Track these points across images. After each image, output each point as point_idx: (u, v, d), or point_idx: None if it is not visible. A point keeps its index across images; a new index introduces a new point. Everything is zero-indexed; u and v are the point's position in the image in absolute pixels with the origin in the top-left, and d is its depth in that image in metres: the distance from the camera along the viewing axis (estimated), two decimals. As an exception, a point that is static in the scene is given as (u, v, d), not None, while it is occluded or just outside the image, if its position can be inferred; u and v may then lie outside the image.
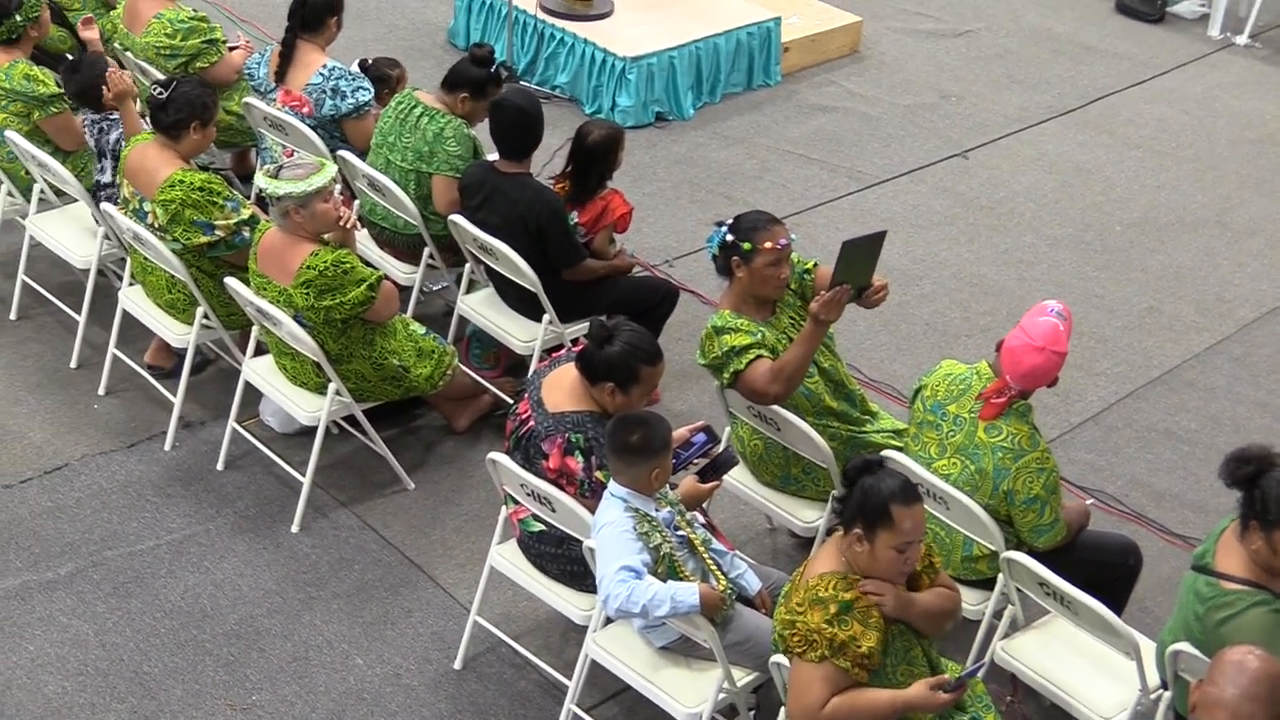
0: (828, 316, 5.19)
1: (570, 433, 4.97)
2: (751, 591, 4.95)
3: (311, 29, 6.94)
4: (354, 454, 6.37)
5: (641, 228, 7.77)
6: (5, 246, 7.07)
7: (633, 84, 8.93)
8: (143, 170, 6.16)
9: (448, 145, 6.51)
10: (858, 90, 9.68)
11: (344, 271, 5.68)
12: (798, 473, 5.52)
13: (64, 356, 6.80)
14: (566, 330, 6.35)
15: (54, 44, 7.63)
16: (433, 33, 9.96)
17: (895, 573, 4.28)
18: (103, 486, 6.15)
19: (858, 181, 8.69)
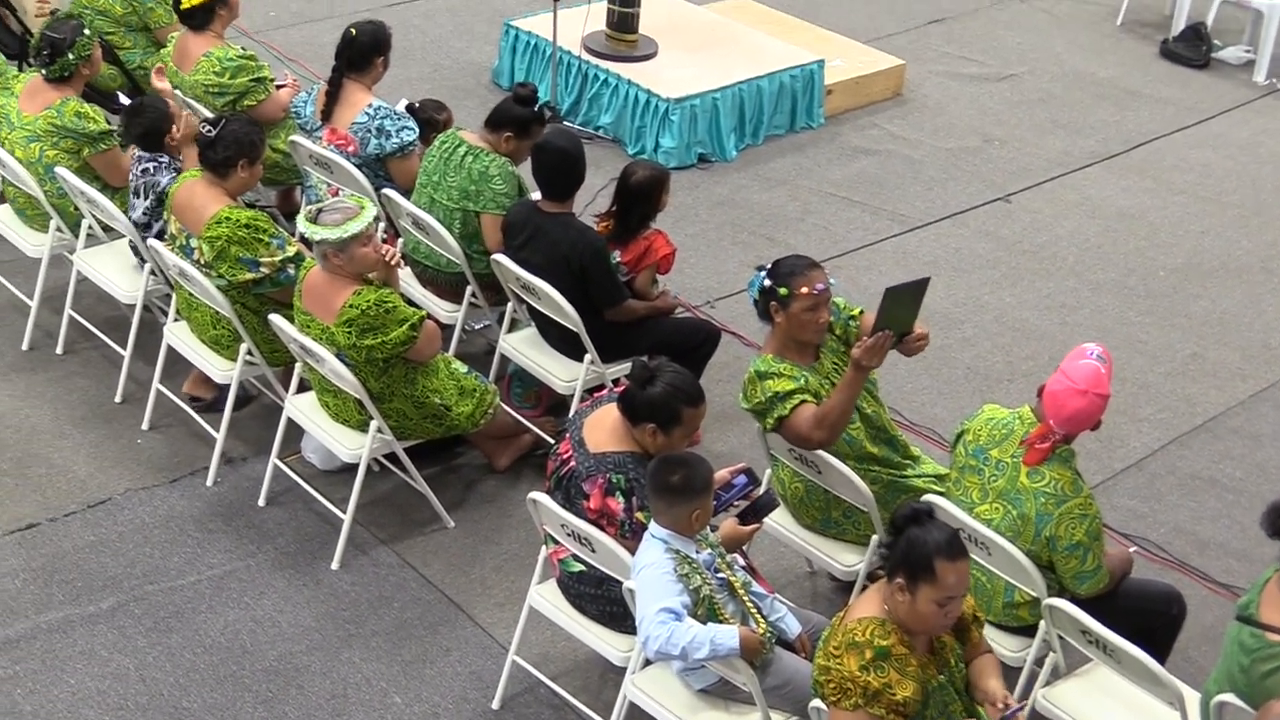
0: (869, 362, 5.18)
1: (611, 473, 4.97)
2: (791, 635, 4.94)
3: (358, 69, 7.00)
4: (394, 492, 6.39)
5: (683, 269, 7.77)
6: (53, 281, 7.12)
7: (676, 125, 8.97)
8: (190, 207, 6.21)
9: (494, 184, 6.54)
10: (900, 133, 9.69)
11: (386, 311, 5.71)
12: (838, 516, 5.51)
13: (109, 391, 6.85)
14: (608, 370, 6.36)
15: (104, 81, 7.74)
16: (477, 73, 10.03)
17: (935, 626, 4.26)
18: (145, 521, 6.18)
19: (900, 224, 8.70)
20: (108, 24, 7.92)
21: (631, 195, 6.48)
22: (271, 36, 10.17)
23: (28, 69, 8.00)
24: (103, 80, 7.67)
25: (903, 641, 4.23)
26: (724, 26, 10.05)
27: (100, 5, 7.93)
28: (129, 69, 8.03)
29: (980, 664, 4.52)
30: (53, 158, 6.78)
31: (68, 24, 6.89)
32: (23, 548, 6.00)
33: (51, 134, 6.78)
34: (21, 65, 8.25)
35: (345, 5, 10.72)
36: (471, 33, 10.57)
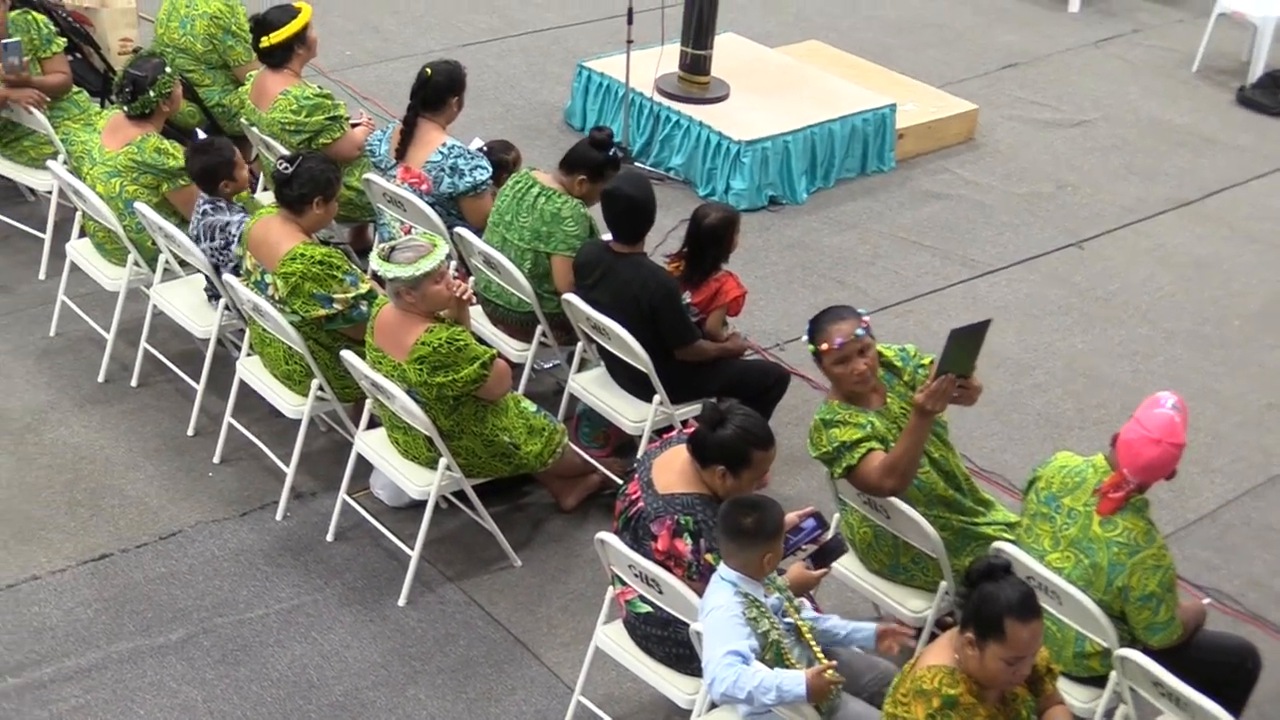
0: (933, 407, 5.14)
1: (680, 515, 4.97)
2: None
3: (433, 108, 7.06)
4: (462, 529, 6.41)
5: (753, 311, 7.78)
6: (130, 315, 7.21)
7: (747, 167, 8.98)
8: (265, 243, 6.28)
9: (565, 225, 6.58)
10: (972, 178, 9.67)
11: (458, 349, 5.74)
12: (907, 562, 5.48)
13: (182, 424, 6.92)
14: (677, 411, 6.36)
15: (184, 118, 7.85)
16: (549, 113, 10.09)
17: (1003, 683, 4.22)
18: (215, 554, 6.23)
19: (970, 269, 8.66)
20: (188, 61, 8.04)
21: (704, 237, 6.49)
22: (347, 75, 10.28)
23: (110, 106, 8.13)
24: (182, 117, 7.78)
25: (971, 691, 4.20)
26: (796, 69, 10.07)
27: (181, 43, 8.05)
28: (208, 106, 8.14)
29: (1052, 715, 4.49)
30: (132, 193, 6.87)
31: (150, 62, 7.00)
32: (95, 578, 6.06)
33: (132, 169, 6.88)
34: (104, 102, 8.39)
35: (420, 45, 10.83)
36: (544, 73, 10.65)
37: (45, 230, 7.90)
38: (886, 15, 12.07)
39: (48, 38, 7.84)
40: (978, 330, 5.25)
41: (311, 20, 7.53)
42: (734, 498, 4.77)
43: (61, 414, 6.96)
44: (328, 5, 11.01)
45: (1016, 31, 11.89)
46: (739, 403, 5.07)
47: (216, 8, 8.03)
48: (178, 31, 8.07)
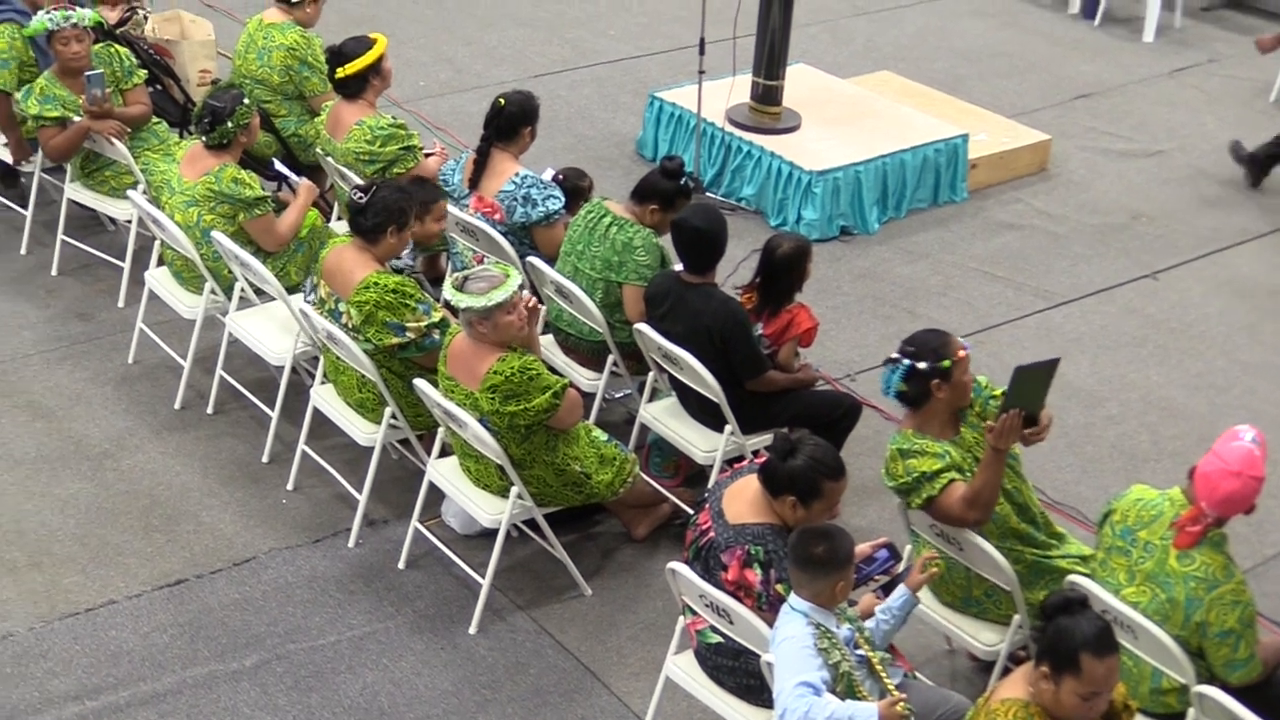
0: (1001, 445, 5.12)
1: (750, 545, 4.95)
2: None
3: (506, 138, 7.09)
4: (533, 558, 6.42)
5: (825, 341, 7.75)
6: (206, 342, 7.28)
7: (818, 197, 8.97)
8: (339, 271, 6.32)
9: (637, 255, 6.59)
10: (1045, 208, 9.60)
11: (530, 378, 5.75)
12: (980, 595, 5.43)
13: (256, 451, 6.97)
14: (748, 441, 6.35)
15: (260, 149, 7.92)
16: (621, 143, 10.12)
17: (1078, 718, 4.17)
18: (288, 580, 6.27)
19: (1044, 300, 8.60)
20: (265, 92, 8.13)
21: (777, 268, 6.49)
22: (421, 105, 10.36)
23: (188, 136, 8.23)
24: (258, 147, 7.85)
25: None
26: (868, 100, 10.05)
27: (258, 74, 8.15)
28: (284, 136, 8.23)
29: None
30: (210, 222, 6.95)
31: (228, 93, 7.07)
32: (171, 603, 6.11)
33: (209, 199, 6.95)
34: (183, 133, 8.49)
35: (493, 76, 10.90)
36: (616, 103, 10.68)
37: (124, 259, 7.99)
38: (958, 45, 12.03)
39: (129, 70, 7.95)
40: (1046, 368, 5.22)
41: (386, 51, 7.59)
42: (804, 527, 4.76)
43: (139, 440, 7.03)
44: (402, 37, 11.12)
45: (1090, 61, 11.81)
46: (810, 433, 5.06)
47: (293, 39, 8.12)
48: (255, 63, 8.17)
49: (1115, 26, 12.57)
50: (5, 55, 7.93)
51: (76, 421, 7.14)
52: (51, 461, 6.87)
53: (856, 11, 12.64)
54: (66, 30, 7.62)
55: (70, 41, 7.65)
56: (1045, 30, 12.45)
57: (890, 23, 12.29)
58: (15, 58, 7.95)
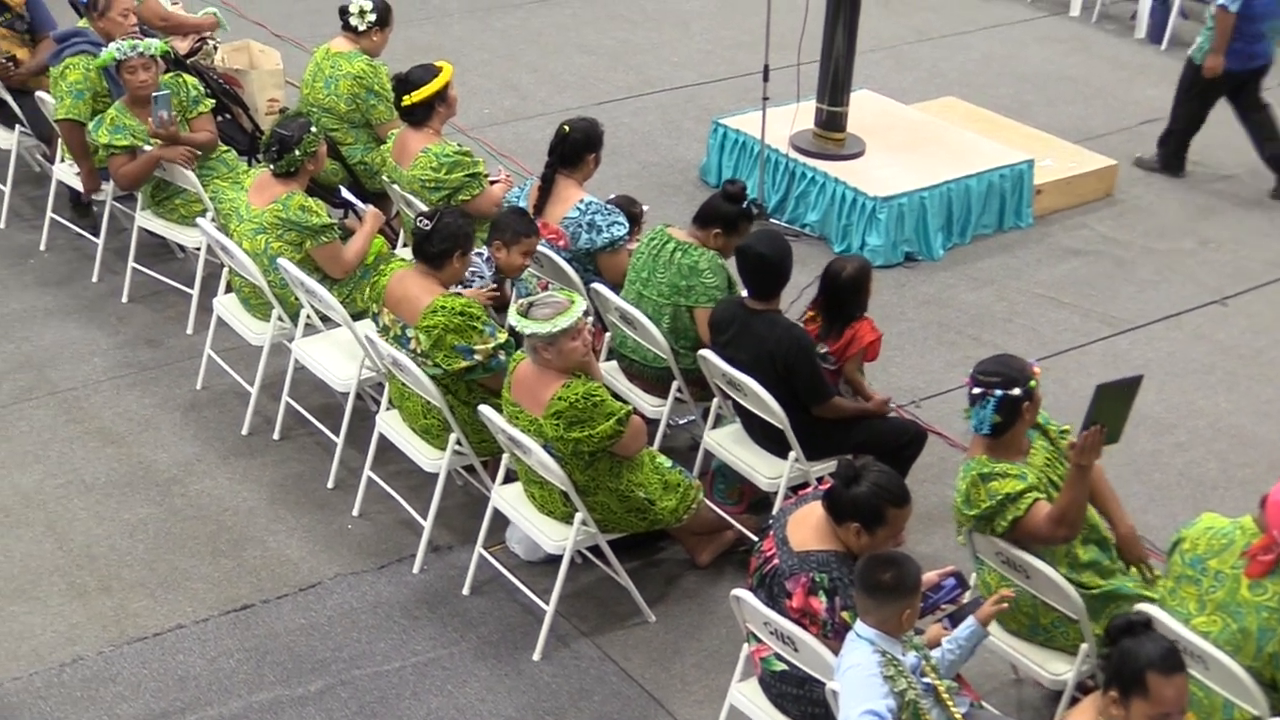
0: (1085, 461, 5.08)
1: (815, 572, 4.93)
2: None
3: (571, 164, 7.12)
4: (596, 584, 6.41)
5: (889, 368, 7.73)
6: (273, 369, 7.34)
7: (883, 223, 8.94)
8: (405, 298, 6.35)
9: (704, 278, 6.59)
10: (1111, 234, 9.53)
11: (594, 404, 5.75)
12: (1047, 623, 5.38)
13: (322, 477, 7.01)
14: (812, 468, 6.32)
15: (326, 176, 7.99)
16: (685, 169, 10.13)
17: None
18: (353, 606, 6.29)
19: (1110, 326, 8.53)
20: (332, 121, 8.19)
21: (844, 290, 6.49)
22: (486, 133, 10.42)
23: (257, 164, 8.31)
24: (325, 175, 7.92)
25: (1117, 756, 4.10)
26: (932, 125, 10.02)
27: (325, 103, 8.22)
28: (350, 164, 8.29)
29: None
30: (277, 249, 7.00)
31: (296, 122, 7.13)
32: (237, 628, 6.15)
33: (277, 226, 7.01)
34: (251, 161, 8.57)
35: (557, 103, 10.94)
36: (680, 130, 10.70)
37: (193, 286, 8.07)
38: (1023, 70, 11.97)
39: (195, 99, 8.03)
40: (1128, 386, 5.17)
41: (452, 79, 7.64)
42: (871, 554, 4.73)
43: (206, 466, 7.09)
44: (467, 64, 11.18)
45: (1156, 86, 11.71)
46: (875, 460, 5.04)
47: (360, 68, 8.19)
48: (322, 91, 8.24)
49: (1182, 51, 12.37)
50: (80, 86, 8.03)
51: (145, 447, 7.21)
52: (121, 486, 6.94)
53: (921, 37, 12.61)
54: (134, 59, 7.72)
55: (138, 70, 7.74)
56: (1111, 55, 12.38)
57: (955, 48, 12.26)
58: (89, 89, 8.05)
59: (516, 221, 6.80)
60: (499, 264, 6.78)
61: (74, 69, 8.05)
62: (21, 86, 8.74)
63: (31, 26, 8.86)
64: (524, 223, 6.82)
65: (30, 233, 8.98)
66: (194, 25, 9.26)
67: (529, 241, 6.78)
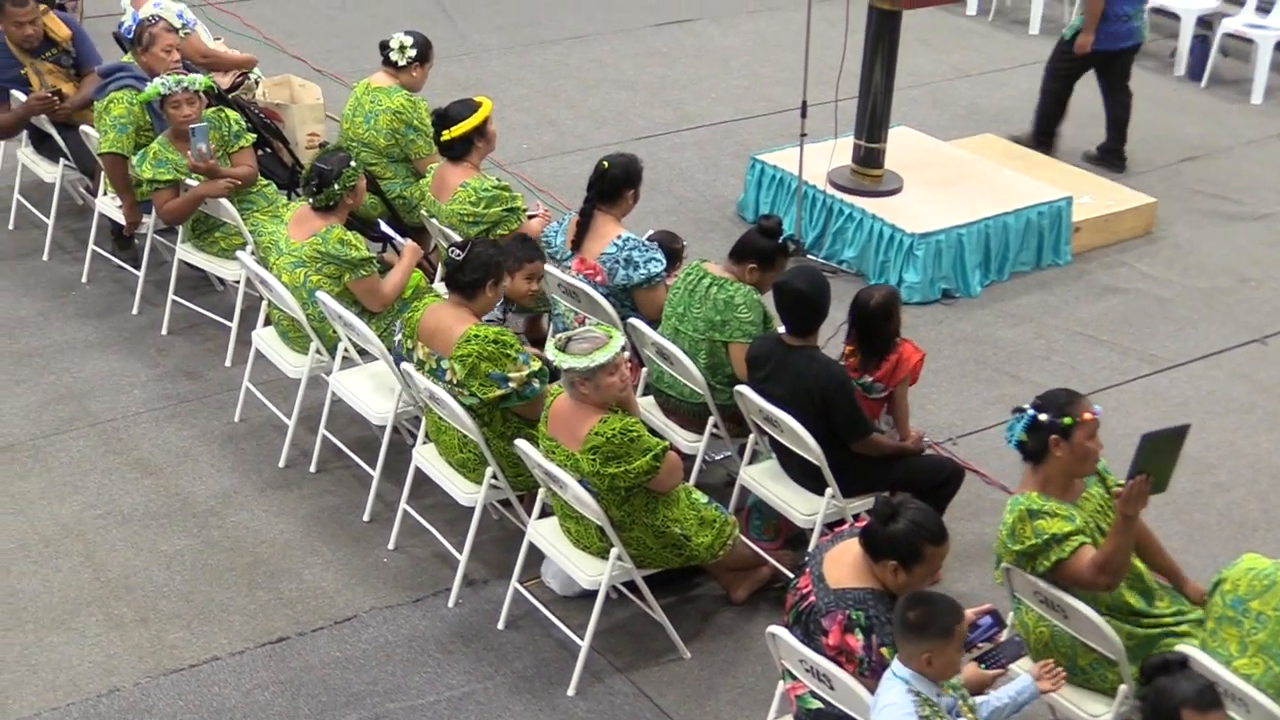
0: (1131, 511, 5.05)
1: (852, 609, 4.90)
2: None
3: (609, 200, 7.13)
4: (631, 620, 6.40)
5: (926, 404, 7.70)
6: (311, 401, 7.36)
7: (920, 260, 8.93)
8: (439, 330, 6.37)
9: (740, 313, 6.58)
10: (1151, 272, 9.49)
11: (631, 440, 5.75)
12: (1086, 664, 5.33)
13: (358, 510, 7.02)
14: (849, 505, 6.30)
15: (365, 210, 8.03)
16: (722, 205, 10.14)
17: None
18: (388, 639, 6.29)
19: (1150, 365, 8.48)
20: (371, 155, 8.23)
21: (874, 318, 6.49)
22: (524, 168, 10.45)
23: (296, 198, 8.36)
24: (364, 209, 7.96)
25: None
26: (970, 162, 10.01)
27: (365, 137, 8.26)
28: (389, 198, 8.33)
29: None
30: (316, 282, 7.03)
31: (336, 156, 7.18)
32: (273, 660, 6.15)
33: (316, 260, 7.04)
34: (291, 195, 8.63)
35: (595, 138, 10.98)
36: (717, 166, 10.72)
37: (232, 319, 8.11)
38: (1062, 108, 11.94)
39: (236, 133, 8.09)
40: (1174, 436, 5.13)
41: (491, 114, 7.67)
42: (911, 593, 4.70)
43: (244, 498, 7.11)
44: (506, 100, 11.23)
45: (1196, 123, 11.69)
46: (912, 497, 5.01)
47: (399, 103, 8.23)
48: (362, 126, 8.29)
49: (1222, 88, 12.44)
50: (123, 120, 8.10)
51: (183, 478, 7.24)
52: (159, 518, 6.96)
53: (959, 74, 12.61)
54: (178, 94, 7.78)
55: (181, 105, 7.80)
56: (1150, 92, 12.32)
57: (993, 85, 12.25)
58: (133, 122, 8.12)
59: (517, 248, 6.83)
60: (506, 293, 6.79)
61: (118, 103, 8.13)
62: (67, 120, 8.81)
63: (77, 61, 8.95)
64: (525, 248, 6.85)
65: (72, 265, 9.05)
66: (234, 62, 9.35)
67: (533, 266, 6.80)
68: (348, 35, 12.84)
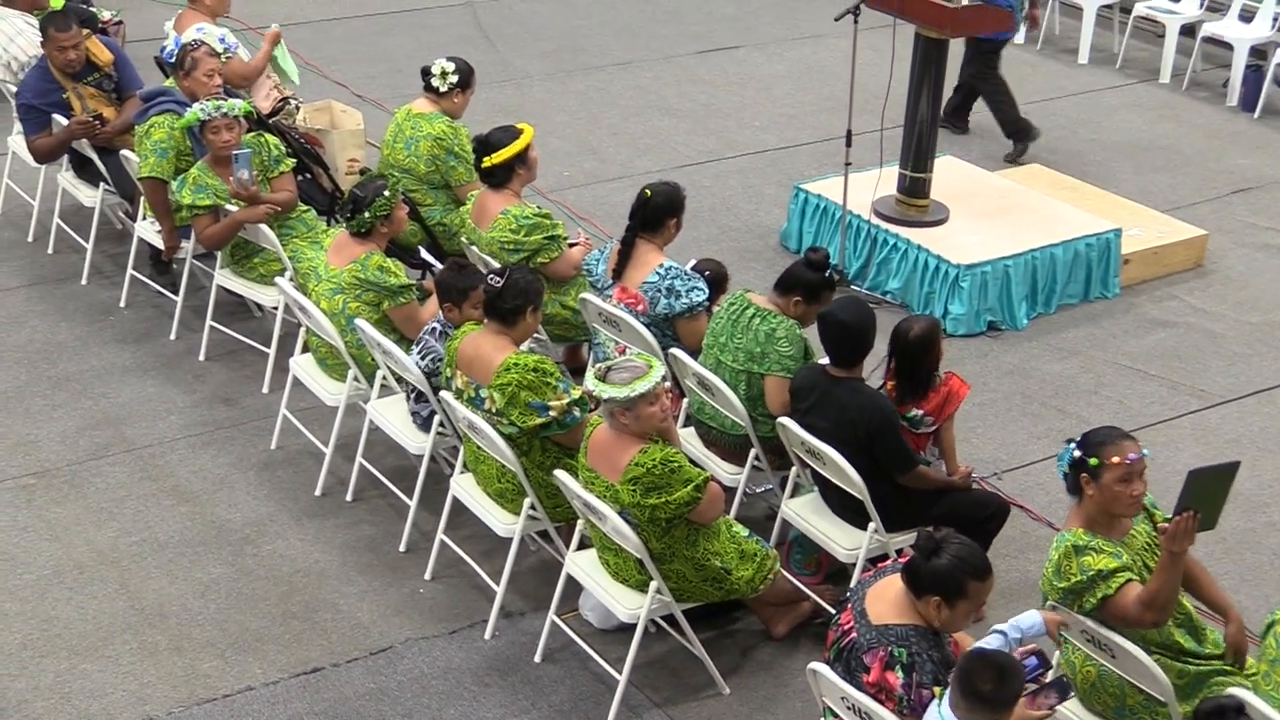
0: (1177, 548, 5.02)
1: (894, 646, 4.89)
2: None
3: (652, 229, 7.15)
4: (670, 654, 6.39)
5: (970, 438, 7.68)
6: (348, 429, 7.38)
7: (966, 292, 8.91)
8: (478, 359, 6.38)
9: (779, 346, 6.58)
10: (1201, 305, 9.44)
11: (671, 470, 5.75)
12: (1135, 704, 5.29)
13: (394, 539, 7.03)
14: (892, 540, 6.28)
15: (406, 237, 8.07)
16: (765, 235, 10.15)
17: None
18: (424, 671, 6.29)
19: (1200, 400, 8.43)
20: (411, 181, 8.28)
21: (915, 349, 6.47)
22: (565, 195, 10.49)
23: (336, 224, 8.41)
24: (404, 236, 8.00)
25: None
26: (1017, 193, 9.99)
27: (405, 164, 8.31)
28: (429, 225, 8.37)
29: None
30: (354, 309, 7.07)
31: (373, 183, 7.23)
32: (307, 691, 6.16)
33: (355, 287, 7.08)
34: (330, 221, 8.68)
35: (637, 166, 11.01)
36: (761, 195, 10.73)
37: (270, 345, 8.16)
38: (1112, 138, 11.92)
39: (276, 159, 8.15)
40: (1223, 473, 5.10)
41: (533, 141, 7.70)
42: (980, 654, 4.63)
43: (279, 526, 7.14)
44: (546, 127, 11.27)
45: (1249, 155, 11.64)
46: (956, 532, 5.00)
47: (440, 129, 8.28)
48: (402, 152, 8.34)
49: (1275, 119, 12.38)
50: (164, 145, 8.17)
51: (219, 506, 7.27)
52: (194, 545, 7.00)
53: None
54: (217, 120, 7.84)
55: (221, 130, 7.87)
56: (1203, 123, 12.30)
57: (1042, 115, 12.21)
58: (173, 147, 8.19)
59: (455, 278, 6.77)
60: (456, 325, 6.78)
61: (159, 128, 8.20)
62: (107, 145, 8.89)
63: (118, 86, 9.03)
64: (463, 277, 6.78)
65: (110, 289, 9.13)
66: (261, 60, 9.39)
67: (476, 294, 6.71)
68: (389, 61, 12.93)
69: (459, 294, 6.74)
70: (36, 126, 8.99)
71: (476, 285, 6.73)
